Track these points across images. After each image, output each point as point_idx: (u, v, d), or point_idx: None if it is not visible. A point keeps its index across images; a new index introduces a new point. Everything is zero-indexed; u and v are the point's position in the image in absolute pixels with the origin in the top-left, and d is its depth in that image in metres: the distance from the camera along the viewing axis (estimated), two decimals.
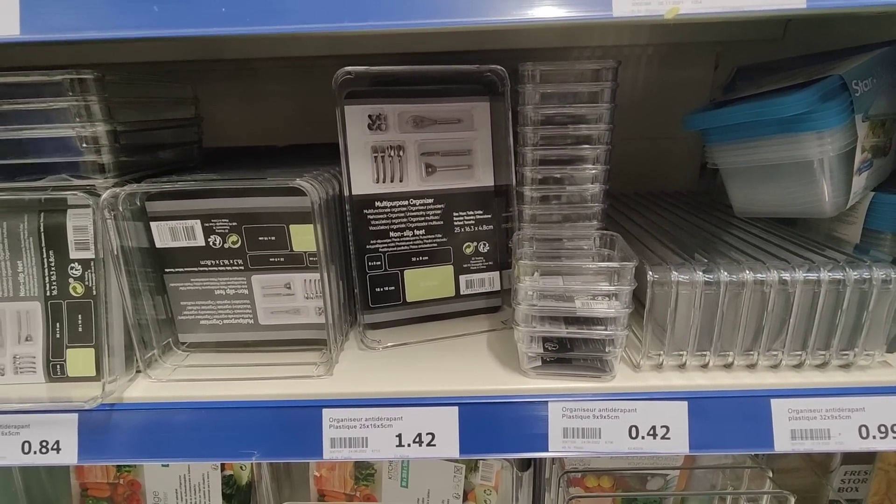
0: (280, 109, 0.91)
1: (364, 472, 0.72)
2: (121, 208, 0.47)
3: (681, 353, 0.48)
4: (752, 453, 0.69)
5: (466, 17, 0.35)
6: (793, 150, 0.53)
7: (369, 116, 0.55)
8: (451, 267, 0.61)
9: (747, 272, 0.46)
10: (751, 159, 0.57)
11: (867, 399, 0.45)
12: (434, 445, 0.46)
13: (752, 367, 0.48)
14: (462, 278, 0.61)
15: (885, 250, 0.54)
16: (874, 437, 0.45)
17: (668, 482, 0.75)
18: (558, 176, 0.57)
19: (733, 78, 0.81)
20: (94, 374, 0.49)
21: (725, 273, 0.46)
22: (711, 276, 0.46)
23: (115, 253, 0.47)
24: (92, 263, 0.48)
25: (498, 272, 0.62)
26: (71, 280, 0.49)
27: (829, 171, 0.53)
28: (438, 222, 0.59)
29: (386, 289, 0.59)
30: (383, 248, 0.58)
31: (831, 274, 0.45)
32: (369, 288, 0.58)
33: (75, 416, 0.46)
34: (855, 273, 0.45)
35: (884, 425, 0.45)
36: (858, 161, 0.53)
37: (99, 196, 0.45)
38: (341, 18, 0.34)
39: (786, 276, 0.45)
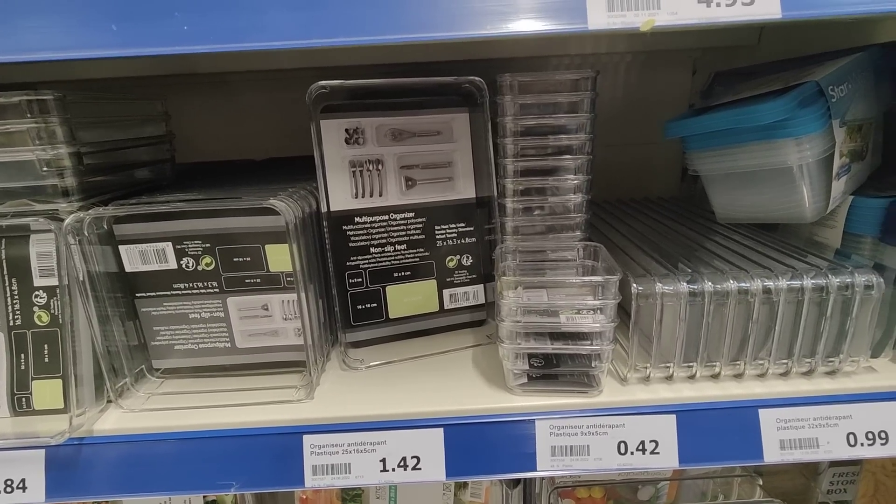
0: (258, 123, 0.89)
1: (351, 492, 0.70)
2: (86, 233, 0.45)
3: (668, 364, 0.48)
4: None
5: (441, 32, 0.34)
6: (772, 157, 0.53)
7: (346, 130, 0.54)
8: (435, 281, 0.59)
9: (731, 282, 0.45)
10: (731, 166, 0.57)
11: (854, 406, 0.45)
12: (420, 469, 0.44)
13: (739, 376, 0.48)
14: (446, 292, 0.60)
15: (866, 254, 0.55)
16: (862, 445, 0.44)
17: (658, 490, 0.74)
18: (540, 187, 0.56)
19: (711, 83, 0.82)
20: (62, 406, 0.47)
21: (709, 283, 0.45)
22: (696, 287, 0.45)
23: (82, 279, 0.45)
24: (57, 291, 0.46)
25: (482, 285, 0.61)
26: (36, 308, 0.47)
27: (808, 176, 0.53)
28: (420, 236, 0.58)
29: (368, 306, 0.58)
30: (364, 264, 0.57)
31: (814, 281, 0.45)
32: (350, 305, 0.57)
33: (42, 452, 0.44)
34: (837, 280, 0.45)
35: (871, 432, 0.45)
36: (837, 166, 0.53)
37: (62, 221, 0.43)
38: (310, 35, 0.33)
39: (769, 284, 0.45)
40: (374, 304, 0.58)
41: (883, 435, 0.45)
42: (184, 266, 0.49)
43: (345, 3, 0.33)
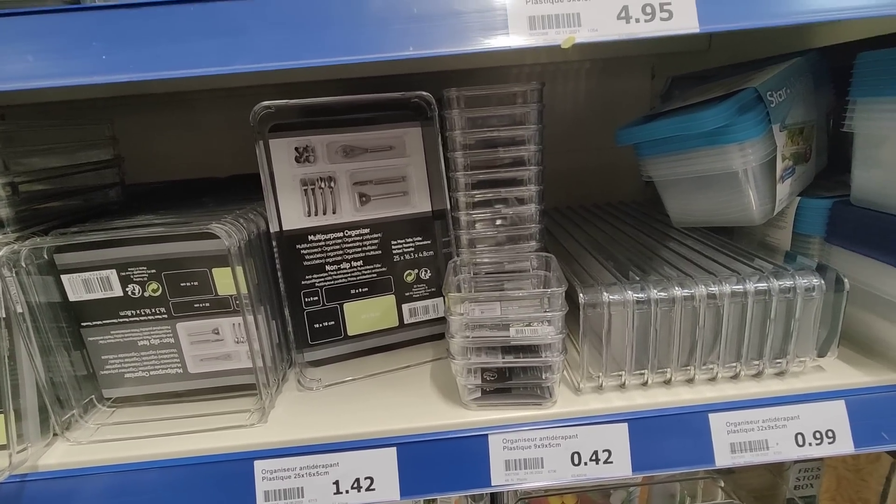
0: (220, 140, 0.89)
1: None
2: (24, 264, 0.44)
3: (620, 372, 0.48)
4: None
5: (365, 54, 0.34)
6: (718, 162, 0.54)
7: (296, 149, 0.54)
8: (393, 296, 0.59)
9: (677, 288, 0.46)
10: (681, 171, 0.58)
11: (801, 407, 0.45)
12: (373, 490, 0.44)
13: (690, 381, 0.48)
14: (405, 307, 0.60)
15: (814, 254, 0.56)
16: (810, 444, 0.45)
17: (630, 494, 0.74)
18: (492, 199, 0.57)
19: (669, 88, 0.83)
20: (6, 441, 0.46)
21: (655, 290, 0.46)
22: (642, 295, 0.46)
23: (22, 311, 0.44)
24: None
25: (442, 298, 0.61)
26: None
27: (753, 180, 0.54)
28: (376, 252, 0.58)
29: (325, 324, 0.57)
30: (319, 282, 0.56)
31: (757, 285, 0.46)
32: (307, 324, 0.56)
33: None
34: (779, 283, 0.46)
35: (818, 431, 0.45)
36: (780, 169, 0.54)
37: None
38: (232, 61, 0.33)
39: (714, 289, 0.46)
40: (332, 322, 0.57)
41: (830, 434, 0.45)
42: (129, 293, 0.48)
43: (258, 29, 0.33)
